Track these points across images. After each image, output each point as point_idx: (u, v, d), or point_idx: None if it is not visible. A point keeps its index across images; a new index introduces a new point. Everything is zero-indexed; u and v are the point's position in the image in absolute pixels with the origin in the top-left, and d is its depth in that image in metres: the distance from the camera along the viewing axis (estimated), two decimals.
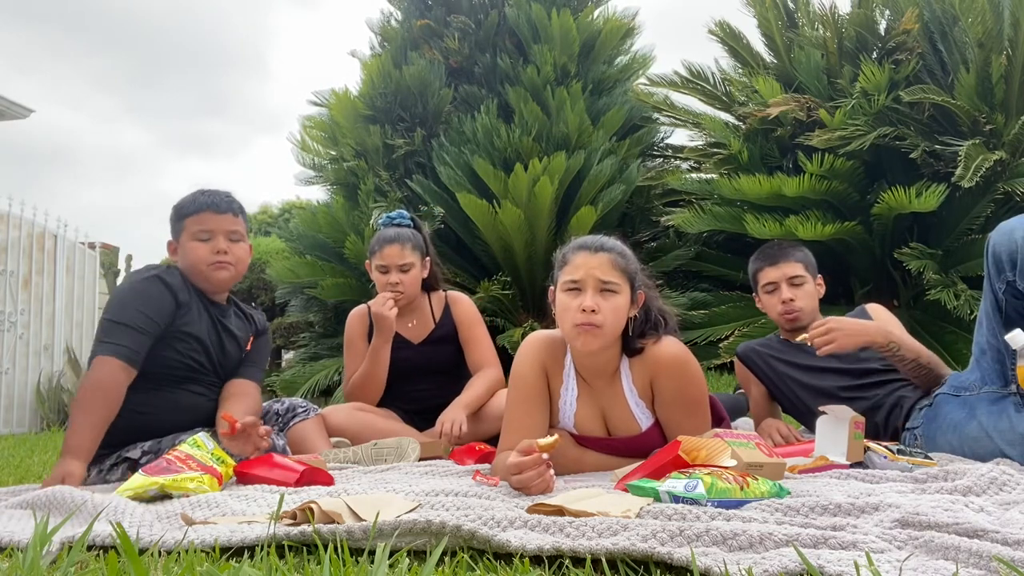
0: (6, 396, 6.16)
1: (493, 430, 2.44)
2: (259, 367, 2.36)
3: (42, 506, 1.53)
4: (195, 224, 2.16)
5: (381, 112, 6.08)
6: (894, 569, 0.90)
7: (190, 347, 2.13)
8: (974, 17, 4.52)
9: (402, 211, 2.84)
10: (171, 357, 2.11)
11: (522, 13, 5.99)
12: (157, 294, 2.06)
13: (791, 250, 2.52)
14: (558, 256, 1.83)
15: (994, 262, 1.87)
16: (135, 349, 2.00)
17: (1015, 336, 1.74)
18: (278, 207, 19.53)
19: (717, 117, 5.53)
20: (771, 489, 1.38)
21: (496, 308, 5.25)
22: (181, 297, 2.10)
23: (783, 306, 2.44)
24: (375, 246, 2.70)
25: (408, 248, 2.66)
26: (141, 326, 2.02)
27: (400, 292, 2.63)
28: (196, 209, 2.17)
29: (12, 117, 8.65)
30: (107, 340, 2.00)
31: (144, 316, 2.03)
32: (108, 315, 2.05)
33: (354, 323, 2.77)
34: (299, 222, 6.39)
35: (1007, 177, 4.33)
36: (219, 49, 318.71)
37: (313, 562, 1.06)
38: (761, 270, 2.51)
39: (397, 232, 2.69)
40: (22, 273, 6.33)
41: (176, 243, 2.21)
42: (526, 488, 1.50)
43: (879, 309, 2.46)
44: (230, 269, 2.18)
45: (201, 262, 2.15)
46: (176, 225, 2.20)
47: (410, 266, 2.66)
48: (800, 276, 2.45)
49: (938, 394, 2.09)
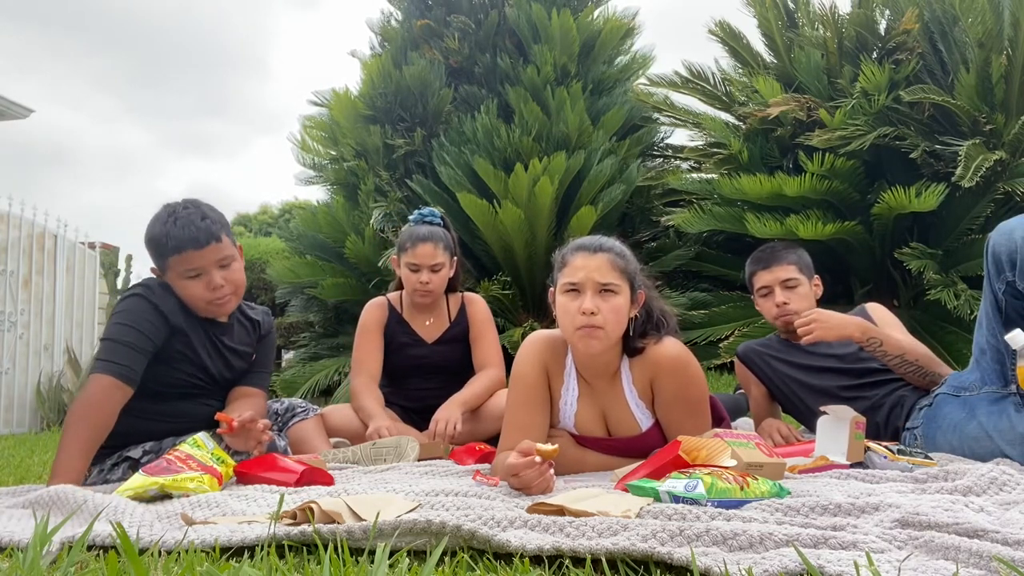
0: (6, 396, 6.16)
1: (493, 430, 2.44)
2: (265, 370, 2.31)
3: (42, 506, 1.53)
4: (181, 264, 2.01)
5: (381, 112, 6.08)
6: (894, 569, 0.90)
7: (191, 369, 2.10)
8: (974, 17, 4.52)
9: (433, 209, 2.80)
10: (173, 376, 2.08)
11: (522, 13, 5.99)
12: (147, 312, 2.00)
13: (784, 252, 2.51)
14: (557, 257, 1.82)
15: (994, 262, 1.87)
16: (129, 366, 1.95)
17: (1015, 336, 1.74)
18: (278, 207, 19.54)
19: (717, 117, 5.53)
20: (771, 489, 1.38)
21: (496, 308, 5.25)
22: (174, 321, 2.03)
23: (777, 310, 2.44)
24: (407, 243, 2.64)
25: (440, 248, 2.62)
26: (134, 343, 1.97)
27: (429, 291, 2.62)
28: (177, 248, 2.00)
29: (12, 117, 8.65)
30: (101, 358, 1.97)
31: (136, 333, 1.98)
32: (104, 334, 2.02)
33: (372, 312, 2.73)
34: (299, 222, 6.39)
35: (1007, 177, 4.33)
36: (219, 49, 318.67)
37: (313, 562, 1.06)
38: (755, 274, 2.52)
39: (430, 231, 2.64)
40: (22, 273, 6.33)
41: (162, 274, 2.08)
42: (527, 488, 1.50)
43: (879, 309, 2.46)
44: (231, 300, 2.09)
45: (200, 300, 2.05)
46: (159, 261, 2.06)
47: (441, 266, 2.63)
48: (793, 279, 2.45)
49: (938, 394, 2.10)
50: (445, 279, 2.67)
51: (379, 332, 2.70)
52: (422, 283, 2.61)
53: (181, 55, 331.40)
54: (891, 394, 2.26)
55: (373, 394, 2.58)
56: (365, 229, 5.58)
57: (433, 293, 2.64)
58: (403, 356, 2.68)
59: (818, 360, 2.40)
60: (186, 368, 2.09)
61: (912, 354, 2.19)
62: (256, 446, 1.96)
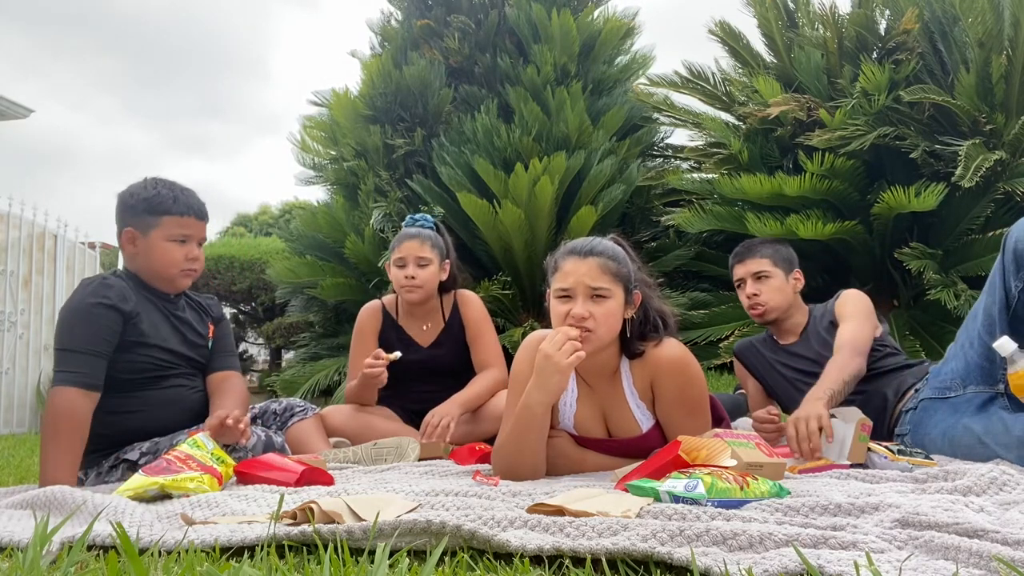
0: (6, 396, 6.16)
1: (493, 430, 2.44)
2: (231, 353, 2.36)
3: (42, 506, 1.53)
4: (176, 226, 2.11)
5: (381, 112, 6.08)
6: (894, 569, 0.90)
7: (151, 351, 2.10)
8: (974, 17, 4.52)
9: (426, 215, 2.84)
10: (137, 362, 2.08)
11: (522, 13, 5.99)
12: (101, 315, 2.00)
13: (760, 247, 2.57)
14: (550, 262, 1.82)
15: (1014, 259, 1.82)
16: (90, 373, 1.96)
17: (1003, 344, 1.73)
18: (278, 207, 19.55)
19: (717, 117, 5.52)
20: (771, 489, 1.38)
21: (496, 308, 5.25)
22: (125, 308, 2.04)
23: (748, 300, 2.50)
24: (395, 243, 2.70)
25: (428, 244, 2.65)
26: (92, 349, 1.98)
27: (416, 286, 2.62)
28: (180, 211, 2.11)
29: (12, 117, 8.65)
30: (62, 369, 1.96)
31: (94, 338, 1.98)
32: (58, 344, 2.00)
33: (366, 318, 2.75)
34: (299, 222, 6.39)
35: (1007, 177, 4.33)
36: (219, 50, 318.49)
37: (313, 562, 1.06)
38: (732, 267, 2.60)
39: (419, 230, 2.70)
40: (22, 273, 6.33)
41: (138, 234, 2.11)
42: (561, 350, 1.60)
43: (850, 298, 2.43)
44: (194, 276, 2.19)
45: (174, 265, 2.12)
46: (144, 218, 2.10)
47: (428, 261, 2.64)
48: (764, 271, 2.49)
49: (922, 399, 2.07)
50: (433, 276, 2.67)
51: (373, 337, 2.72)
52: (408, 277, 2.62)
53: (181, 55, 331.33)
54: (875, 393, 2.26)
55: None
56: (365, 229, 5.58)
57: (421, 289, 2.64)
58: (400, 360, 2.68)
59: (802, 363, 2.44)
60: (147, 350, 2.09)
61: (850, 373, 2.08)
62: (242, 438, 1.98)
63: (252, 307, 9.18)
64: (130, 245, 2.13)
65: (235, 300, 9.00)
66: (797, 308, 2.53)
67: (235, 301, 9.06)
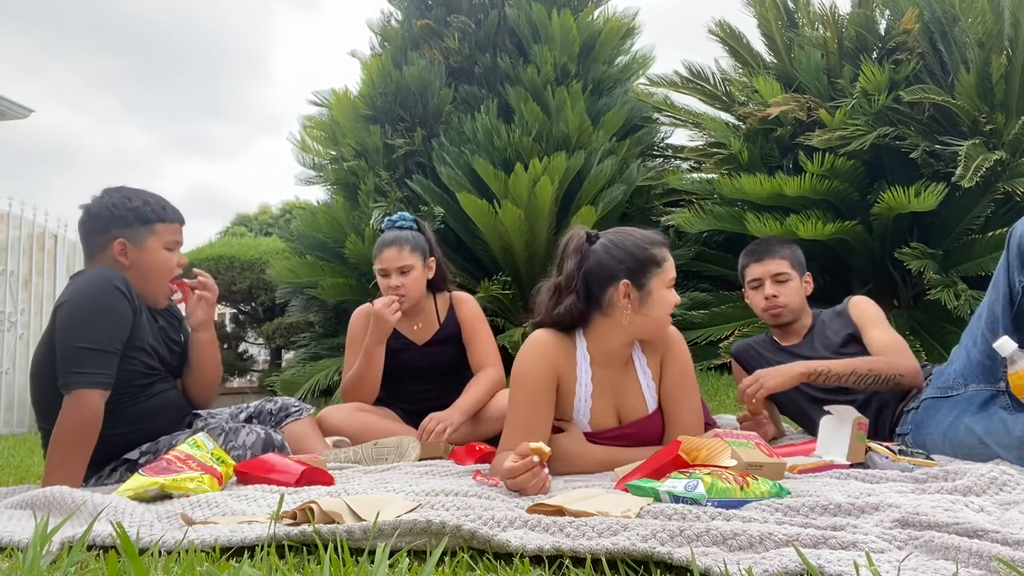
0: (6, 396, 6.16)
1: (493, 430, 2.44)
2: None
3: (42, 506, 1.53)
4: (170, 234, 2.11)
5: (381, 112, 6.08)
6: (894, 569, 0.90)
7: (145, 355, 2.07)
8: (974, 17, 4.51)
9: (404, 213, 2.81)
10: (129, 370, 2.01)
11: (522, 13, 5.99)
12: (123, 310, 1.96)
13: (778, 247, 2.54)
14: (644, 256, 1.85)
15: (1018, 254, 1.81)
16: (110, 373, 1.93)
17: (1003, 344, 1.73)
18: (278, 207, 19.56)
19: (717, 117, 5.52)
20: (771, 489, 1.38)
21: (496, 308, 5.25)
22: (135, 305, 2.01)
23: (766, 302, 2.47)
24: (375, 251, 2.68)
25: (407, 250, 2.63)
26: (115, 348, 1.94)
27: (402, 295, 2.61)
28: (171, 219, 2.12)
29: (12, 117, 8.65)
30: (85, 371, 1.88)
31: (116, 338, 1.94)
32: (79, 341, 1.89)
33: (358, 321, 2.75)
34: (299, 222, 6.39)
35: (1007, 177, 4.33)
36: (219, 50, 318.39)
37: (313, 562, 1.06)
38: (747, 266, 2.54)
39: (396, 235, 2.66)
40: (22, 273, 6.33)
41: (129, 245, 2.06)
42: (523, 490, 1.52)
43: (861, 303, 2.44)
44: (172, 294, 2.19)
45: (169, 273, 2.12)
46: (136, 228, 2.06)
47: (410, 268, 2.63)
48: (785, 273, 2.47)
49: (924, 398, 2.08)
50: (419, 280, 2.66)
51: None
52: (392, 287, 2.61)
53: (181, 55, 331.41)
54: (875, 394, 2.26)
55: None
56: (365, 229, 5.58)
57: (408, 297, 2.63)
58: (396, 360, 2.67)
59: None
60: (142, 355, 2.06)
61: (863, 366, 2.14)
62: (208, 309, 2.06)
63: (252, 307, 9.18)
64: (121, 256, 2.06)
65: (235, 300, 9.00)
66: (804, 310, 2.53)
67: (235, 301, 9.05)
